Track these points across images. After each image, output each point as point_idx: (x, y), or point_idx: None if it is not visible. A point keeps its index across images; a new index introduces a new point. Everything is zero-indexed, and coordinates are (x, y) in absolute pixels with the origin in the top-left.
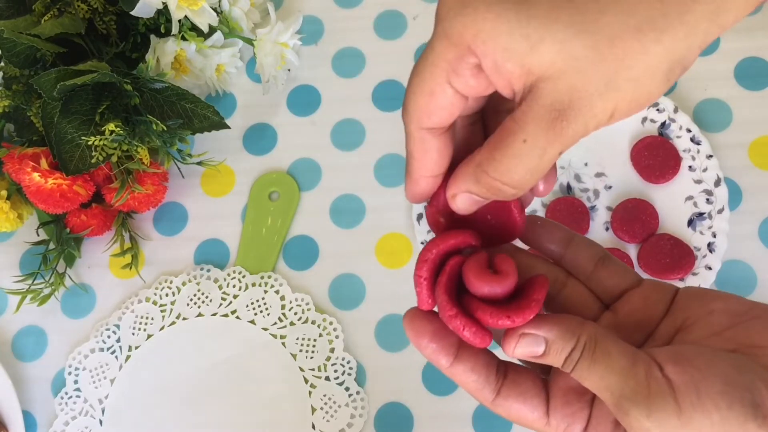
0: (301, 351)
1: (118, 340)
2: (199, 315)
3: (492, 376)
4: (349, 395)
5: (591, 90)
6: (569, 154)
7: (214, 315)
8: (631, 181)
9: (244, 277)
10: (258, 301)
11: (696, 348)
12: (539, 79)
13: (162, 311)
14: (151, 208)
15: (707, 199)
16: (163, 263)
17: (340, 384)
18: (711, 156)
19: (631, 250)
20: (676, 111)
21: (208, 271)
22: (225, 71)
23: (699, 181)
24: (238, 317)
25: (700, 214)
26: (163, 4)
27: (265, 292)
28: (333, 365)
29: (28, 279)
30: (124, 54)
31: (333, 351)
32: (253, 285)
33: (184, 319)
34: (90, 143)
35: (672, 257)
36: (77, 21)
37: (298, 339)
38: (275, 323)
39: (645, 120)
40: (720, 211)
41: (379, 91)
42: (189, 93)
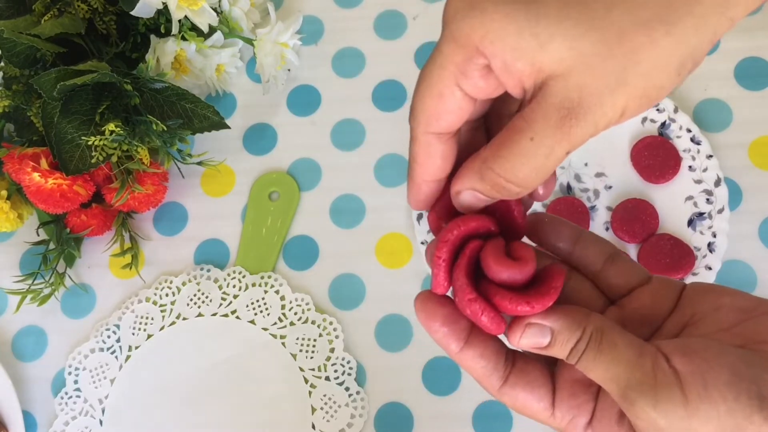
0: (301, 351)
1: (118, 340)
2: (199, 315)
3: (500, 364)
4: (349, 395)
5: (601, 87)
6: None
7: (214, 315)
8: (631, 181)
9: (244, 277)
10: (258, 301)
11: (703, 341)
12: (549, 76)
13: (162, 311)
14: (151, 208)
15: (707, 199)
16: (163, 263)
17: (340, 384)
18: (711, 156)
19: (631, 250)
20: (676, 111)
21: (208, 271)
22: (225, 71)
23: (699, 181)
24: (238, 317)
25: (700, 214)
26: (163, 4)
27: (265, 292)
28: (333, 365)
29: (28, 279)
30: (124, 54)
31: (333, 351)
32: (253, 285)
33: (184, 319)
34: (90, 143)
35: (672, 257)
36: (77, 21)
37: (298, 339)
38: (275, 323)
39: (645, 120)
40: (720, 211)
41: (379, 91)
42: (189, 93)
